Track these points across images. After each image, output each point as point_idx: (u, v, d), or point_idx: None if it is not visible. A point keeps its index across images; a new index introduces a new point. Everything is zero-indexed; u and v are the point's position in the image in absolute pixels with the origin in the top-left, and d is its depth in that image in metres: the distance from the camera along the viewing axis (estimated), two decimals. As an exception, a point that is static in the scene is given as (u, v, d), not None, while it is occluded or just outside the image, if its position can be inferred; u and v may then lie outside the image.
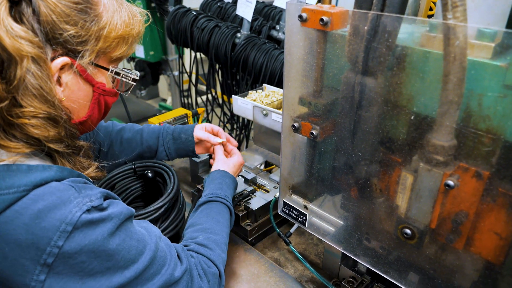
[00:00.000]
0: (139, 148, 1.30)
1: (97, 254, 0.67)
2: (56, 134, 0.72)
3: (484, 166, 0.65)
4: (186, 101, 2.99)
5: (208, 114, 2.79)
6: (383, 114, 0.73)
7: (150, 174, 1.22)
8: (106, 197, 0.74)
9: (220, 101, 2.70)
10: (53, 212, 0.63)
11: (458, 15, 0.61)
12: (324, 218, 0.94)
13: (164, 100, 4.99)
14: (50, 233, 0.62)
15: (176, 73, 3.34)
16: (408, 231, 0.76)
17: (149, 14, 0.88)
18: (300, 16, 0.77)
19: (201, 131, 1.31)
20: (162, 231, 1.12)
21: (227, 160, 1.25)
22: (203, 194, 1.11)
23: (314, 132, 0.84)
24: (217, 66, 2.40)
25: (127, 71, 0.87)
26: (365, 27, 0.70)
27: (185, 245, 0.93)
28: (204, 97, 2.97)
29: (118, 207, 0.73)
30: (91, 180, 0.80)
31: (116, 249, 0.69)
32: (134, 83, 0.88)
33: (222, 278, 0.94)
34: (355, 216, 0.88)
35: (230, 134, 2.77)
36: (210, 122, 2.71)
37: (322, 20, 0.74)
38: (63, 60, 0.72)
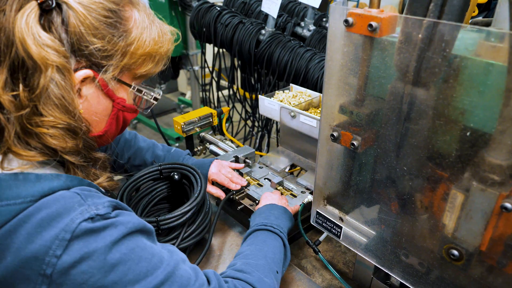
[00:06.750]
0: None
1: (99, 265, 0.62)
2: (74, 145, 0.70)
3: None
4: (205, 95, 2.97)
5: (229, 111, 2.76)
6: (434, 128, 0.69)
7: (176, 176, 1.20)
8: (116, 207, 0.70)
9: (240, 97, 2.67)
10: (56, 220, 0.61)
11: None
12: (361, 231, 0.90)
13: (183, 94, 4.99)
14: (49, 242, 0.60)
15: (196, 67, 3.32)
16: (455, 252, 0.71)
17: (179, 33, 0.87)
18: (346, 21, 0.73)
19: (215, 174, 1.32)
20: (188, 236, 1.11)
21: (271, 195, 1.24)
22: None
23: (355, 142, 0.80)
24: (238, 62, 2.36)
25: (149, 89, 0.85)
26: (419, 35, 0.65)
27: (222, 273, 0.90)
28: (224, 92, 2.94)
29: (128, 217, 0.69)
30: (102, 190, 0.77)
31: (121, 259, 0.64)
32: (155, 102, 0.86)
33: None
34: (394, 230, 0.83)
35: (250, 131, 2.75)
36: (231, 118, 2.68)
37: (370, 25, 0.69)
38: (85, 72, 0.70)
